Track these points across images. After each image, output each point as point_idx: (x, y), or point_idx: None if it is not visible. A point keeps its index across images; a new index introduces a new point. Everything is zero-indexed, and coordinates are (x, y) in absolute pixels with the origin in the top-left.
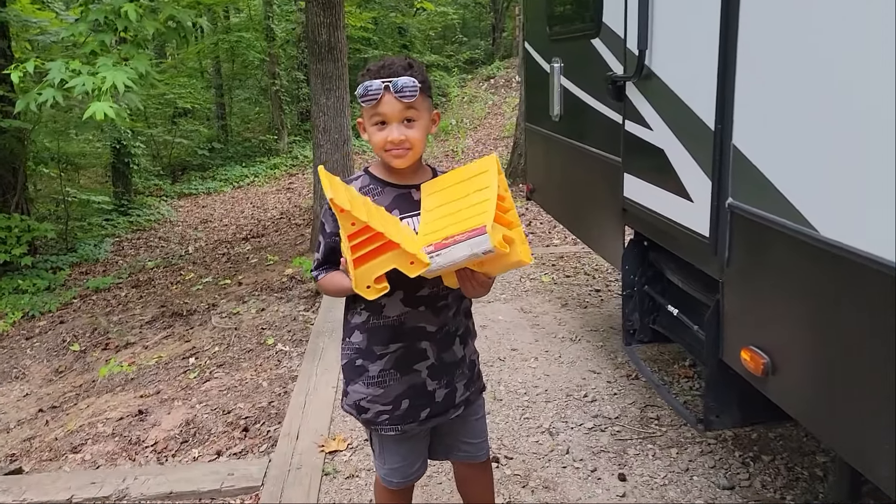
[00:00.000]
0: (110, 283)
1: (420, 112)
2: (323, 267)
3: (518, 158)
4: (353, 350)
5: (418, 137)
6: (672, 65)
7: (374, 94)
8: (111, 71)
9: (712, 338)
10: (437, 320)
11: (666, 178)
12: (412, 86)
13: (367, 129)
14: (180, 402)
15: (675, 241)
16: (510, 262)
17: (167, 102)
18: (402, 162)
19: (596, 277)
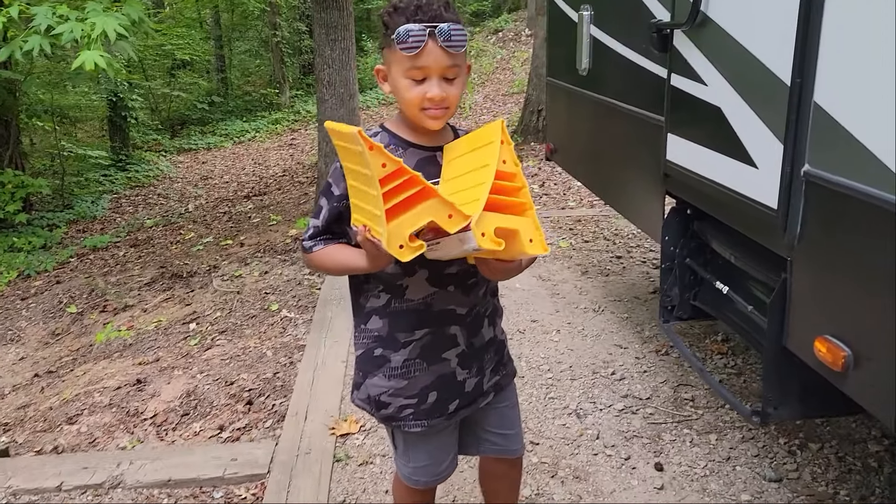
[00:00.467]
0: (108, 241)
1: (461, 66)
2: (321, 237)
3: (530, 116)
4: (371, 338)
5: (457, 95)
6: (736, 9)
7: (416, 41)
8: (101, 17)
9: (776, 323)
10: (468, 301)
11: (723, 140)
12: (461, 34)
13: (394, 80)
14: (180, 372)
15: (731, 213)
16: (517, 251)
17: (165, 54)
18: (438, 123)
19: (616, 243)
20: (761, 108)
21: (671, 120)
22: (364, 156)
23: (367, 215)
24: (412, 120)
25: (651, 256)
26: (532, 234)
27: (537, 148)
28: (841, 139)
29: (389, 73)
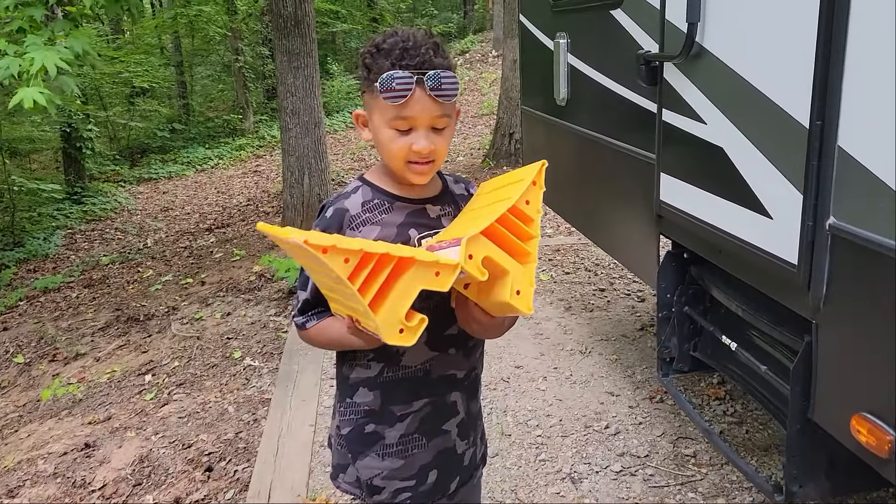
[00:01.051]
0: (60, 282)
1: (451, 116)
2: (313, 311)
3: (502, 139)
4: (360, 414)
5: (446, 146)
6: (738, 41)
7: (402, 89)
8: (41, 51)
9: (800, 393)
10: (468, 363)
11: (727, 184)
12: (452, 81)
13: (376, 129)
14: (133, 433)
15: (739, 263)
16: (499, 303)
17: (123, 81)
18: (424, 178)
19: (598, 274)
20: (774, 152)
21: (664, 158)
22: (320, 261)
23: (348, 307)
24: (397, 173)
25: (635, 288)
26: (522, 286)
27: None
28: (871, 188)
29: (371, 120)
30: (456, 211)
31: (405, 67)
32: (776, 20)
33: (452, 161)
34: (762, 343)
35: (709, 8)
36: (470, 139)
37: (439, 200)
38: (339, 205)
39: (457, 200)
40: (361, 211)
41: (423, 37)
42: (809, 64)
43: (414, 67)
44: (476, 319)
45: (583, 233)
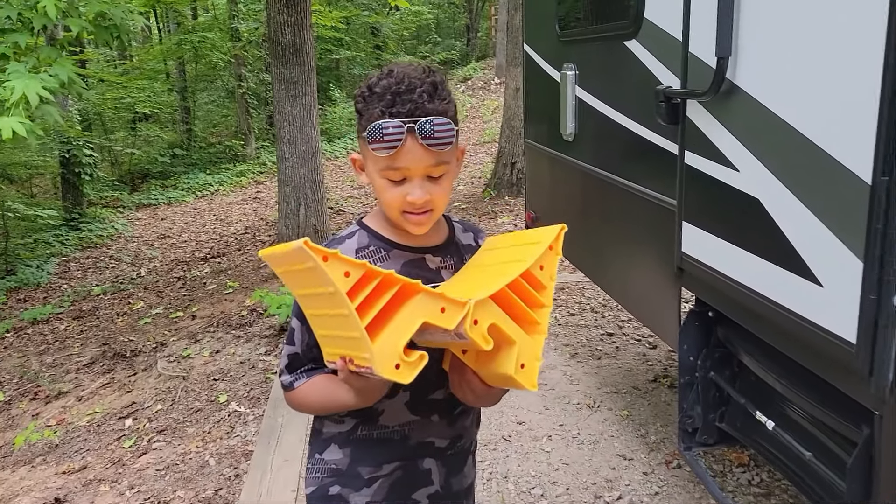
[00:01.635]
0: (49, 313)
1: (451, 161)
2: (303, 369)
3: (504, 168)
4: (327, 472)
5: (445, 195)
6: (779, 79)
7: (392, 140)
8: (23, 79)
9: (858, 490)
10: (451, 432)
11: (763, 240)
12: (447, 129)
13: (371, 176)
14: (107, 487)
15: (779, 332)
16: (500, 374)
17: (126, 106)
18: (422, 229)
19: (605, 316)
20: (825, 209)
21: (687, 206)
22: (318, 271)
23: (342, 344)
24: (395, 222)
25: (645, 333)
26: (528, 360)
27: (511, 202)
28: None
29: (365, 165)
30: (459, 263)
31: (396, 115)
32: (829, 53)
33: (453, 190)
34: (805, 423)
35: (742, 40)
36: (471, 167)
37: (442, 251)
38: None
39: (462, 252)
40: (355, 257)
41: (420, 76)
42: (873, 106)
43: (405, 114)
44: (471, 388)
45: (591, 278)
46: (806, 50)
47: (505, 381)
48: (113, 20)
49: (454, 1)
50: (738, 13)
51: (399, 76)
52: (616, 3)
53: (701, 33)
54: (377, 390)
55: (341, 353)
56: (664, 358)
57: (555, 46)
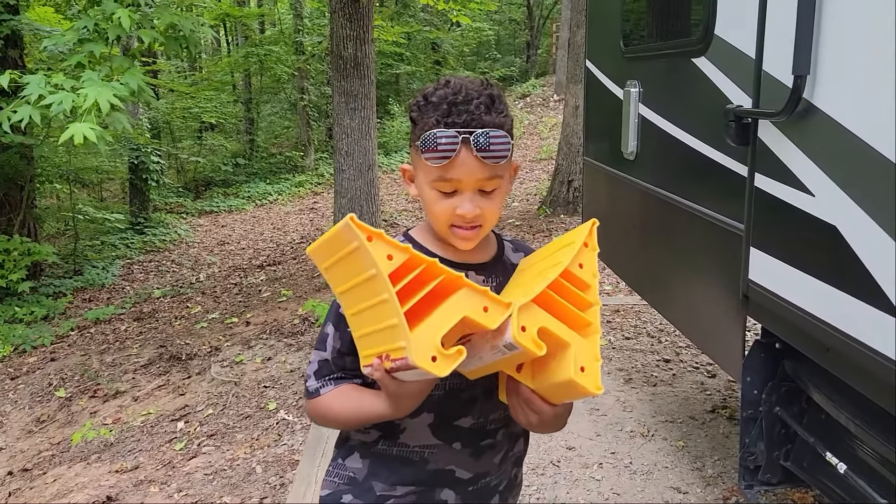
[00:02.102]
0: (111, 313)
1: (504, 176)
2: (331, 376)
3: (560, 186)
4: (344, 479)
5: (496, 210)
6: (864, 100)
7: (446, 150)
8: (96, 87)
9: None
10: (476, 465)
11: (840, 270)
12: (503, 143)
13: (420, 188)
14: (157, 489)
15: (854, 370)
16: (560, 383)
17: (193, 116)
18: (469, 244)
19: (662, 341)
20: None
21: (756, 231)
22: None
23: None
24: (441, 235)
25: (704, 361)
26: (586, 361)
27: (567, 221)
28: None
29: (416, 176)
30: (504, 283)
31: (451, 125)
32: None
33: (507, 206)
34: (880, 468)
35: (821, 58)
36: (526, 184)
37: (487, 269)
38: None
39: (509, 271)
40: None
41: (478, 88)
42: None
43: (461, 125)
44: (534, 409)
45: (648, 302)
46: (892, 69)
47: (567, 391)
48: (182, 32)
49: (515, 18)
50: (818, 29)
51: (456, 87)
52: (685, 20)
53: (776, 50)
54: (411, 397)
55: (378, 350)
56: (723, 388)
57: (618, 63)
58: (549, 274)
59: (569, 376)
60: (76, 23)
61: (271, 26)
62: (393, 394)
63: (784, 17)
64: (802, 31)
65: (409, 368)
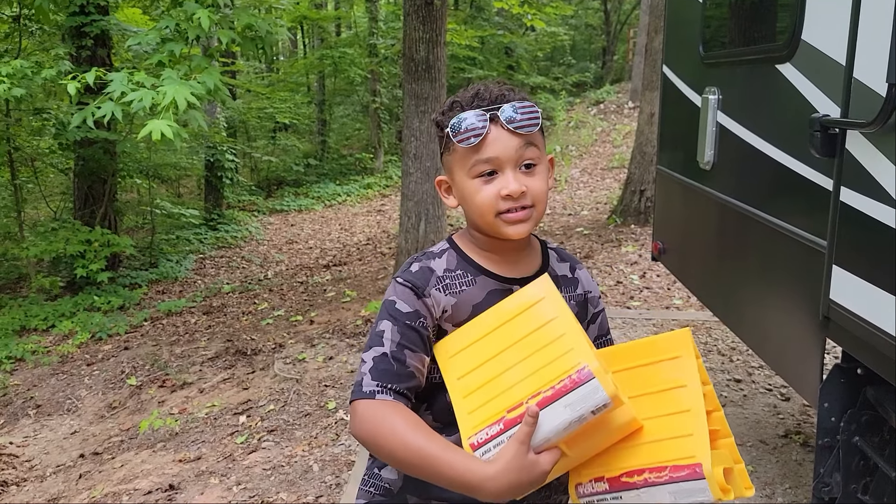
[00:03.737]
0: (183, 306)
1: (541, 150)
2: (390, 385)
3: (632, 196)
4: (380, 490)
5: (542, 188)
6: None
7: (476, 128)
8: (174, 85)
9: None
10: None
11: None
12: (531, 110)
13: (460, 187)
14: (217, 480)
15: None
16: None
17: (268, 116)
18: (524, 228)
19: (734, 360)
20: None
21: (840, 248)
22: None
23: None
24: (490, 231)
25: (778, 382)
26: (736, 469)
27: (637, 231)
28: None
29: (453, 181)
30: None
31: (477, 108)
32: None
33: (576, 214)
34: None
35: None
36: (597, 192)
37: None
38: (426, 263)
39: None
40: (441, 276)
41: (497, 84)
42: None
43: (486, 106)
44: None
45: (720, 319)
46: None
47: None
48: (259, 33)
49: (592, 23)
50: None
51: (477, 86)
52: (769, 24)
53: (869, 57)
54: (529, 484)
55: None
56: (797, 412)
57: (697, 69)
58: (688, 403)
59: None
60: (159, 23)
61: (347, 29)
62: (518, 466)
63: (879, 21)
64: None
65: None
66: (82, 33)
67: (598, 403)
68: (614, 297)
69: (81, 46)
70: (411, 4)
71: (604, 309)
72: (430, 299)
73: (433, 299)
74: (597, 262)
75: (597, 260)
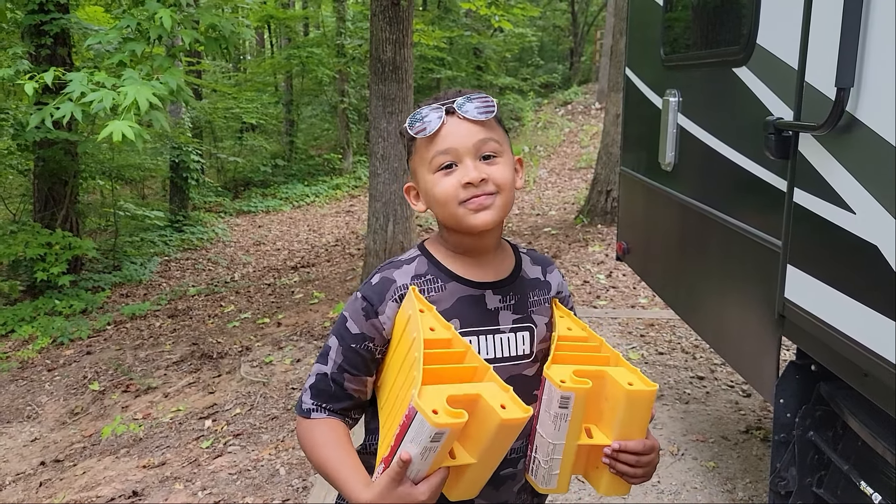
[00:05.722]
0: (147, 309)
1: (502, 145)
2: (327, 404)
3: (598, 196)
4: None
5: (506, 176)
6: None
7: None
8: (135, 86)
9: None
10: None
11: (881, 293)
12: (487, 101)
13: (424, 185)
14: (181, 486)
15: (890, 395)
16: (625, 403)
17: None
18: (489, 216)
19: (697, 358)
20: None
21: (793, 248)
22: (413, 320)
23: (402, 397)
24: (456, 225)
25: (739, 380)
26: (628, 375)
27: (604, 231)
28: None
29: (418, 181)
30: (522, 301)
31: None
32: None
33: (544, 214)
34: None
35: (867, 70)
36: (565, 193)
37: (504, 287)
38: (387, 273)
39: (526, 288)
40: (410, 283)
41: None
42: None
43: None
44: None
45: (682, 317)
46: None
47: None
48: (223, 32)
49: (559, 24)
50: (863, 40)
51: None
52: (726, 28)
53: (820, 61)
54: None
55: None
56: (759, 408)
57: (658, 71)
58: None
59: (625, 390)
60: (119, 22)
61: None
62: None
63: (829, 27)
64: (847, 43)
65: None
66: (41, 32)
67: (431, 434)
68: (581, 297)
69: (41, 45)
70: (378, 5)
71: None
72: (384, 316)
73: (387, 314)
74: (564, 262)
75: (564, 260)
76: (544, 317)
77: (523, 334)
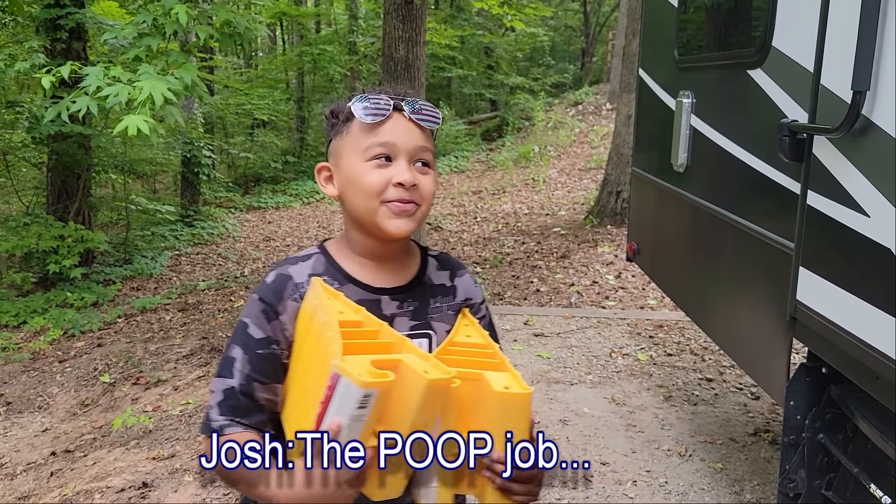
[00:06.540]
0: (158, 303)
1: (434, 160)
2: (237, 417)
3: (608, 196)
4: None
5: (430, 191)
6: None
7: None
8: (151, 80)
9: None
10: None
11: (892, 295)
12: (434, 110)
13: (348, 171)
14: (191, 478)
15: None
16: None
17: (246, 113)
18: (405, 224)
19: (706, 360)
20: None
21: (806, 250)
22: (321, 308)
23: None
24: (370, 224)
25: (748, 382)
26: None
27: (614, 232)
28: None
29: (338, 167)
30: (422, 308)
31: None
32: None
33: (553, 214)
34: None
35: (883, 73)
36: (574, 193)
37: (403, 293)
38: (283, 270)
39: (427, 294)
40: (306, 281)
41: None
42: None
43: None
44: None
45: (692, 319)
46: None
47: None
48: (237, 29)
49: (571, 24)
50: (880, 44)
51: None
52: (741, 30)
53: (836, 64)
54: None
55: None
56: (767, 411)
57: (672, 72)
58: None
59: (497, 393)
60: (135, 17)
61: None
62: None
63: (845, 30)
64: (863, 46)
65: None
66: (57, 26)
67: (359, 398)
68: (590, 297)
69: (56, 39)
70: (391, 3)
71: (487, 316)
72: (285, 316)
73: (288, 314)
74: (573, 262)
75: (573, 260)
76: (446, 324)
77: (420, 341)
